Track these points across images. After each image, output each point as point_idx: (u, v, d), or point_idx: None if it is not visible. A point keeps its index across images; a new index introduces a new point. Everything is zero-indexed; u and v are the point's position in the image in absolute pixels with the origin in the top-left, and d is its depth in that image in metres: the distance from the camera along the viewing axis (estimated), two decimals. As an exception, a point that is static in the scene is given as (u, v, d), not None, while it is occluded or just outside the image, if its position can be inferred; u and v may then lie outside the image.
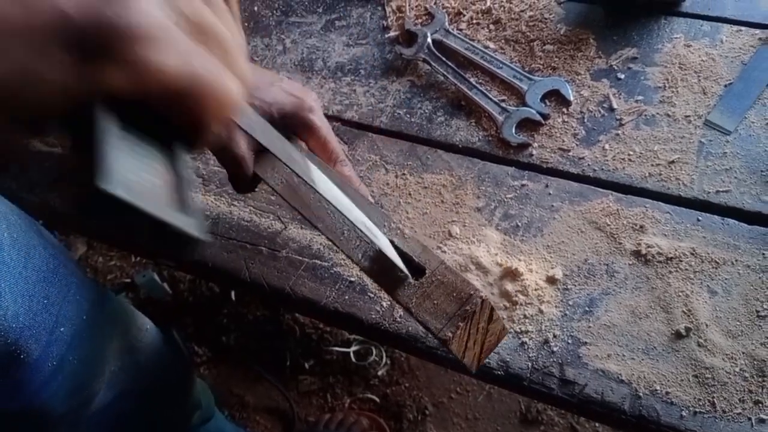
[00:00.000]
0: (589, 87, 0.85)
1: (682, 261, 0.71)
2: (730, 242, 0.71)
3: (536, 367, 0.68)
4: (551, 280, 0.72)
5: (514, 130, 0.83)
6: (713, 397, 0.64)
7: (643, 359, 0.67)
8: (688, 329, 0.67)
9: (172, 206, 0.37)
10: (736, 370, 0.65)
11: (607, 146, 0.80)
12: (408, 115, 0.88)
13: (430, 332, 0.55)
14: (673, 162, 0.77)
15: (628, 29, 0.88)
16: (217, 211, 0.84)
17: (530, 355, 0.69)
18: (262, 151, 0.67)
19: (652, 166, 0.78)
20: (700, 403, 0.64)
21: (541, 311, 0.71)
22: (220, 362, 1.57)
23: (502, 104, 0.84)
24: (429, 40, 0.91)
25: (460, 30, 0.93)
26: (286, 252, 0.79)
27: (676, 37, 0.86)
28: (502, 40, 0.91)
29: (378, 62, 0.93)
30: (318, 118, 0.68)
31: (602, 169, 0.79)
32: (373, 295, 0.75)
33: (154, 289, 1.59)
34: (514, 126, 0.83)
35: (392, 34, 0.95)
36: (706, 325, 0.67)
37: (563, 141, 0.82)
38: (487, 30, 0.92)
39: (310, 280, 0.77)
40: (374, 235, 0.55)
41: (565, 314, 0.70)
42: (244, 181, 0.68)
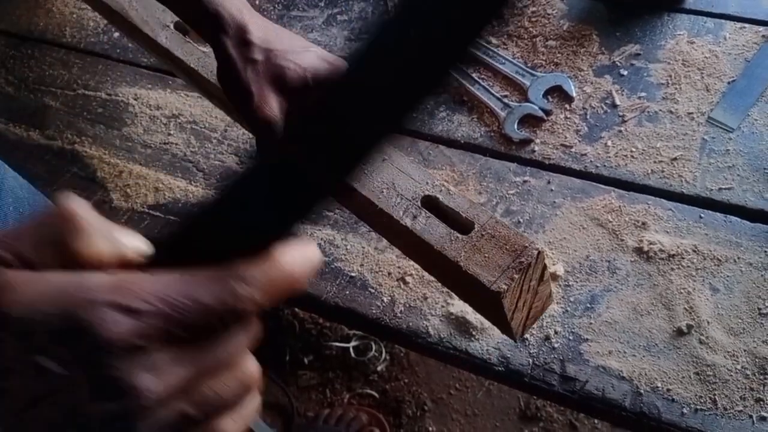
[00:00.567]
0: (592, 83, 0.84)
1: (684, 258, 0.71)
2: (732, 240, 0.71)
3: (537, 363, 0.68)
4: (553, 277, 0.72)
5: (516, 126, 0.82)
6: (714, 395, 0.64)
7: (644, 356, 0.66)
8: (690, 326, 0.67)
9: None
10: (738, 367, 0.65)
11: (610, 143, 0.80)
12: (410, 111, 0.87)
13: (480, 287, 0.52)
14: (675, 159, 0.77)
15: (631, 25, 0.88)
16: (217, 206, 0.83)
17: (531, 352, 0.68)
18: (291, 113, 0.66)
19: (655, 162, 0.77)
20: (702, 401, 0.64)
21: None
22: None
23: (505, 100, 0.84)
24: (431, 35, 0.90)
25: (463, 25, 0.92)
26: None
27: (680, 34, 0.86)
28: (505, 36, 0.91)
29: (380, 57, 0.93)
30: None
31: (604, 166, 0.78)
32: (373, 291, 0.75)
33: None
34: (517, 122, 0.82)
35: (394, 29, 0.95)
36: (708, 323, 0.67)
37: (565, 137, 0.81)
38: (490, 25, 0.92)
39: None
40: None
41: (567, 310, 0.70)
42: (273, 144, 0.65)
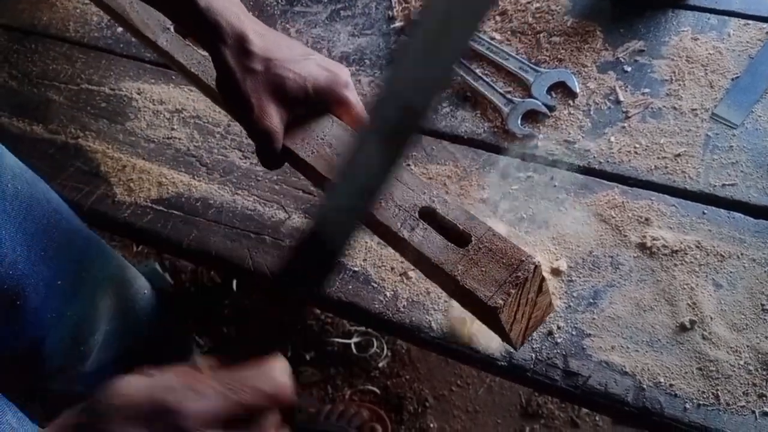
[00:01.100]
0: (596, 79, 0.84)
1: (687, 254, 0.71)
2: (735, 236, 0.71)
3: (540, 358, 0.68)
4: (556, 272, 0.72)
5: (519, 122, 0.82)
6: (717, 390, 0.64)
7: (647, 351, 0.67)
8: (693, 322, 0.67)
9: None
10: (741, 363, 0.65)
11: (613, 139, 0.80)
12: (413, 106, 0.87)
13: (477, 301, 0.52)
14: (679, 155, 0.77)
15: (635, 22, 0.88)
16: (221, 200, 0.84)
17: (534, 347, 0.68)
18: (292, 125, 0.66)
19: (658, 158, 0.77)
20: (704, 396, 0.64)
21: (546, 303, 0.70)
22: (221, 353, 1.57)
23: (508, 96, 0.84)
24: (435, 31, 0.90)
25: (466, 21, 0.92)
26: (289, 241, 0.79)
27: (684, 30, 0.86)
28: (509, 32, 0.91)
29: (383, 52, 0.93)
30: (353, 94, 0.67)
31: (608, 162, 0.78)
32: (376, 285, 0.75)
33: (155, 279, 1.59)
34: (520, 117, 0.82)
35: (398, 24, 0.95)
36: (711, 318, 0.67)
37: (569, 133, 0.81)
38: (494, 21, 0.92)
39: (313, 269, 0.77)
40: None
41: (570, 306, 0.70)
42: (274, 155, 0.66)
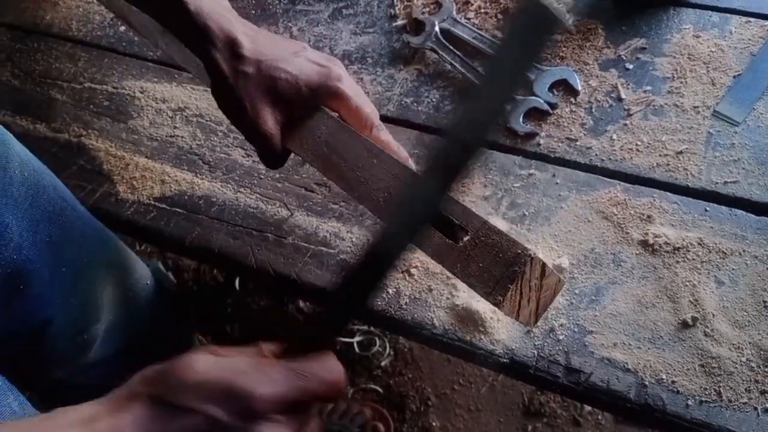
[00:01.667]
0: (598, 77, 0.84)
1: (689, 251, 0.71)
2: (737, 233, 0.71)
3: (542, 355, 0.68)
4: (558, 269, 0.72)
5: (521, 119, 0.82)
6: (719, 387, 0.64)
7: (649, 348, 0.67)
8: (695, 319, 0.67)
9: None
10: (743, 360, 0.65)
11: (615, 136, 0.80)
12: (415, 104, 0.88)
13: (480, 295, 0.54)
14: (681, 152, 0.77)
15: (637, 19, 0.88)
16: (223, 198, 0.84)
17: (536, 343, 0.69)
18: (289, 125, 0.66)
19: (660, 156, 0.77)
20: (706, 393, 0.64)
21: (548, 300, 0.71)
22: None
23: (510, 93, 0.84)
24: (437, 29, 0.90)
25: (468, 19, 0.92)
26: (292, 239, 0.79)
27: (685, 28, 0.86)
28: (510, 30, 0.91)
29: (385, 51, 0.93)
30: (347, 86, 0.66)
31: (610, 159, 0.79)
32: (379, 283, 0.75)
33: (158, 278, 1.60)
34: (522, 115, 0.82)
35: (400, 23, 0.95)
36: (713, 315, 0.67)
37: (571, 130, 0.81)
38: (495, 19, 0.92)
39: (316, 266, 0.77)
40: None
41: (572, 303, 0.70)
42: (273, 157, 0.67)
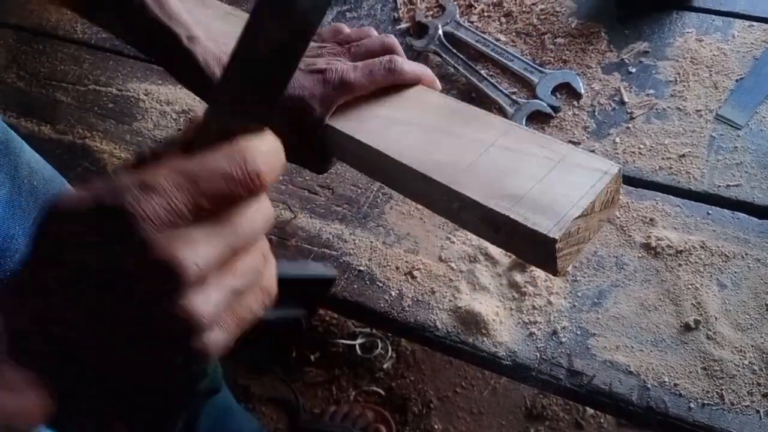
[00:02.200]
0: (600, 80, 0.85)
1: (691, 254, 0.71)
2: (740, 236, 0.71)
3: (544, 357, 0.68)
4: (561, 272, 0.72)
5: (524, 123, 0.83)
6: (722, 390, 0.64)
7: (651, 351, 0.67)
8: (697, 322, 0.67)
9: None
10: (745, 362, 0.65)
11: (618, 139, 0.80)
12: (418, 107, 0.88)
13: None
14: (683, 156, 0.77)
15: (640, 23, 0.88)
16: (227, 200, 0.84)
17: (538, 346, 0.69)
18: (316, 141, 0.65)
19: (663, 159, 0.78)
20: (709, 396, 0.64)
21: (550, 302, 0.71)
22: (225, 353, 1.57)
23: (513, 96, 0.84)
24: (440, 32, 0.91)
25: (471, 22, 0.93)
26: (295, 241, 0.80)
27: (688, 32, 0.86)
28: (513, 33, 0.91)
29: (389, 54, 0.93)
30: (347, 74, 0.63)
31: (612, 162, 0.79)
32: (381, 285, 0.75)
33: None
34: (525, 118, 0.83)
35: (403, 26, 0.95)
36: (716, 318, 0.67)
37: (574, 134, 0.82)
38: (498, 23, 0.93)
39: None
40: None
41: (574, 305, 0.70)
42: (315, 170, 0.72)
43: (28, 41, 1.07)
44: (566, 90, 0.85)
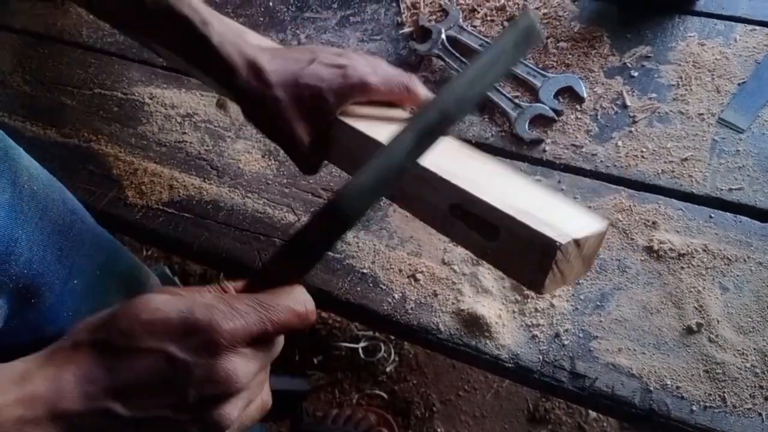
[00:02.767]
0: (603, 84, 0.85)
1: (694, 257, 0.71)
2: (742, 239, 0.71)
3: (547, 360, 0.68)
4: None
5: (527, 126, 0.83)
6: (724, 393, 0.64)
7: (654, 354, 0.67)
8: (700, 325, 0.67)
9: None
10: (747, 365, 0.65)
11: (620, 143, 0.80)
12: (421, 111, 0.88)
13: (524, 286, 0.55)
14: (686, 159, 0.77)
15: (642, 27, 0.88)
16: (231, 203, 0.84)
17: (541, 348, 0.69)
18: (322, 134, 0.67)
19: (665, 163, 0.78)
20: (711, 398, 0.64)
21: (553, 305, 0.71)
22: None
23: (516, 100, 0.85)
24: (443, 37, 0.91)
25: (474, 27, 0.93)
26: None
27: (690, 36, 0.86)
28: (516, 37, 0.91)
29: (392, 58, 0.94)
30: (366, 75, 0.66)
31: (615, 166, 0.79)
32: (385, 287, 0.75)
33: (165, 283, 1.60)
34: (528, 122, 0.83)
35: (406, 30, 0.96)
36: (718, 321, 0.67)
37: (576, 137, 0.82)
38: (501, 27, 0.93)
39: (322, 271, 0.77)
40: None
41: (577, 308, 0.71)
42: (310, 167, 0.71)
43: (34, 45, 1.08)
44: (569, 94, 0.85)
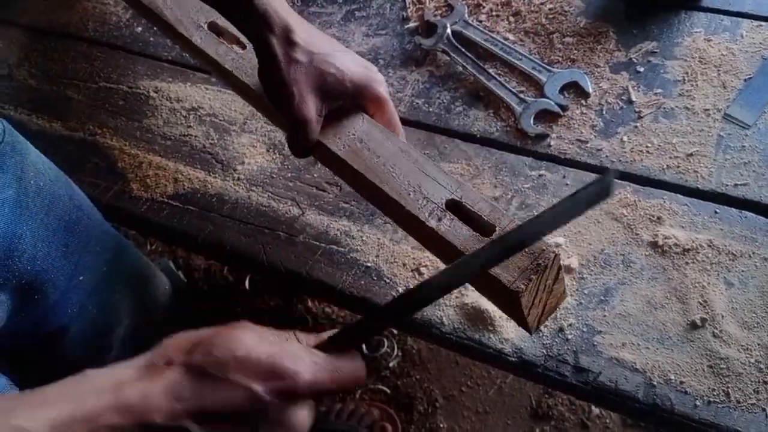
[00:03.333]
0: (608, 79, 0.85)
1: (699, 252, 0.71)
2: (747, 235, 0.71)
3: (551, 354, 0.68)
4: (567, 269, 0.72)
5: (532, 121, 0.83)
6: (728, 388, 0.64)
7: (657, 349, 0.67)
8: (704, 320, 0.67)
9: None
10: (751, 361, 0.65)
11: (626, 138, 0.80)
12: (426, 105, 0.88)
13: (500, 286, 0.55)
14: (691, 155, 0.77)
15: (648, 23, 0.88)
16: (235, 196, 0.85)
17: (545, 343, 0.69)
18: (327, 117, 0.68)
19: (671, 158, 0.78)
20: (715, 393, 0.64)
21: (557, 300, 0.71)
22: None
23: (521, 95, 0.85)
24: (448, 31, 0.91)
25: (480, 21, 0.93)
26: (303, 237, 0.80)
27: (696, 32, 0.86)
28: (522, 32, 0.91)
29: (397, 52, 0.94)
30: (386, 93, 0.68)
31: (620, 161, 0.79)
32: (388, 281, 0.75)
33: (170, 277, 1.61)
34: (533, 117, 0.83)
35: (412, 25, 0.96)
36: (722, 317, 0.67)
37: (581, 132, 0.82)
38: (507, 22, 0.93)
39: (326, 264, 0.78)
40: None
41: (581, 303, 0.71)
42: (306, 145, 0.67)
43: (40, 39, 1.08)
44: (574, 89, 0.85)
